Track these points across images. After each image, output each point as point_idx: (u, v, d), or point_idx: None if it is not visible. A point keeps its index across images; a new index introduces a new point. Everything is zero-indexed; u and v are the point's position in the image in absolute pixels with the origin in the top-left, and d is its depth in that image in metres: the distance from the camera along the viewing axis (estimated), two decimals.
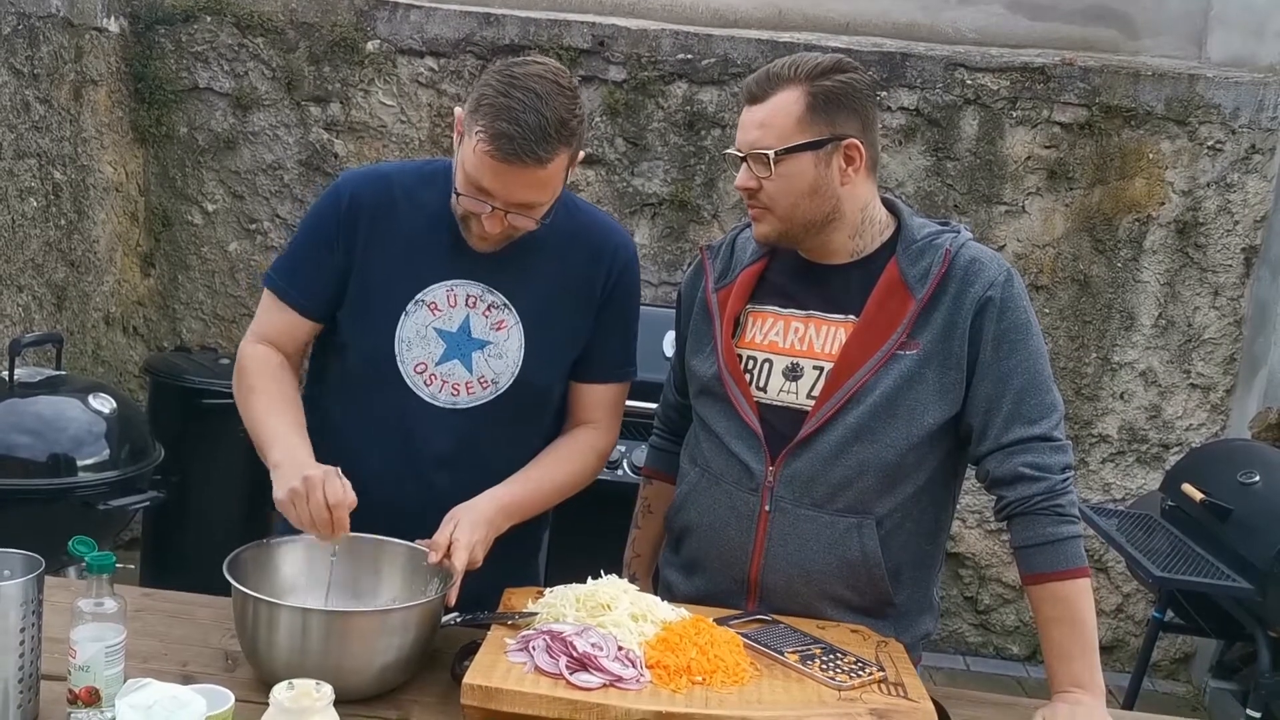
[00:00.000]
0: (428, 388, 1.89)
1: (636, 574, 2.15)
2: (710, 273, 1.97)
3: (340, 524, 1.64)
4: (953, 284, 1.78)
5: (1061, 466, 1.77)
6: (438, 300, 1.88)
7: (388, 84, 4.42)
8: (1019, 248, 4.39)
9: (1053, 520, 1.75)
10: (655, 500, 2.15)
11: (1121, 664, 4.47)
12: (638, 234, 4.44)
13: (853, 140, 1.78)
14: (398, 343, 1.87)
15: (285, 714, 1.26)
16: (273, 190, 4.51)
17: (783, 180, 1.77)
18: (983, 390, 1.78)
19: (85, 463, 3.02)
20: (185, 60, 4.44)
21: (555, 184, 1.77)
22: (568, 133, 1.71)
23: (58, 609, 1.56)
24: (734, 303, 1.91)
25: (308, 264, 1.92)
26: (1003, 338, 1.77)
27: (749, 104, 1.80)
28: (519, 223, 1.77)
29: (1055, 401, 1.79)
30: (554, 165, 1.72)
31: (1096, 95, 4.30)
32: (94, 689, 1.44)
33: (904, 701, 1.55)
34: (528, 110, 1.67)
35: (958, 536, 4.54)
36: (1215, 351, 4.44)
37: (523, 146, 1.67)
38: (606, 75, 4.37)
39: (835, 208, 1.80)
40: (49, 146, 3.91)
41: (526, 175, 1.70)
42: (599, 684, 1.49)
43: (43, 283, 3.94)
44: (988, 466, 1.80)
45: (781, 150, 1.76)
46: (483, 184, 1.72)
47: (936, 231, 1.85)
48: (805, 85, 1.76)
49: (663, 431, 2.18)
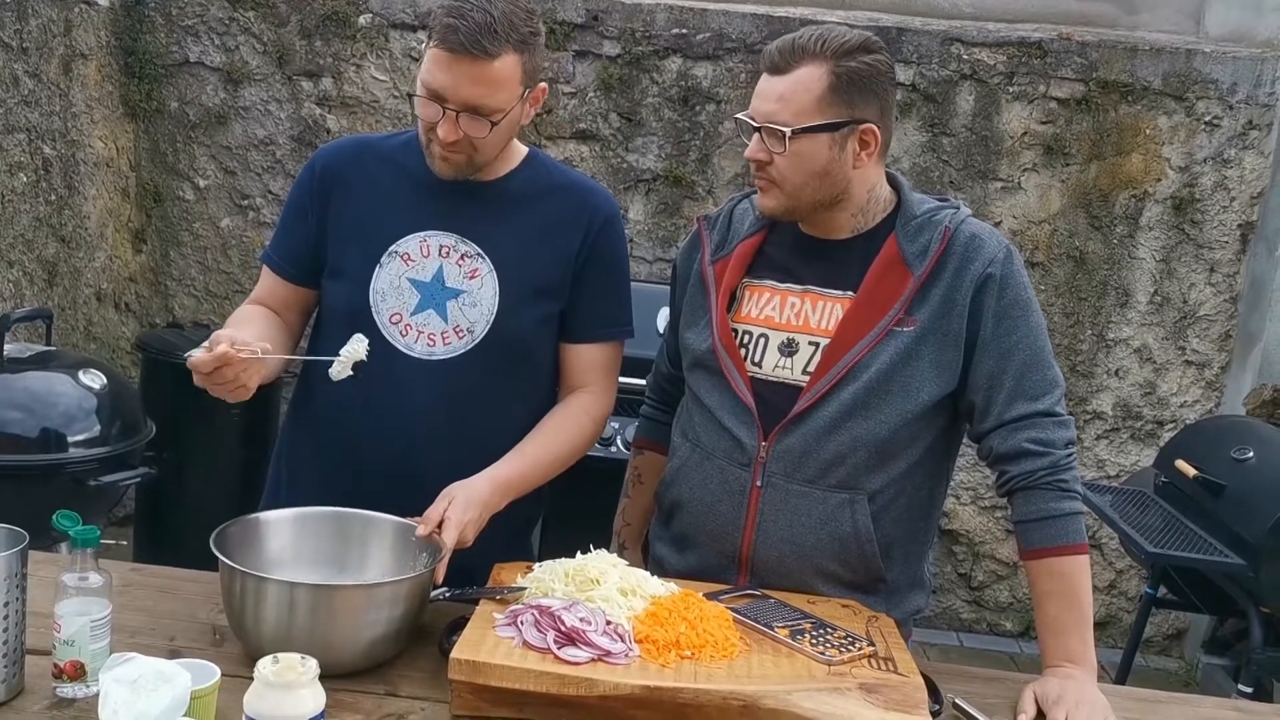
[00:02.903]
0: (404, 338, 1.89)
1: (626, 543, 2.15)
2: (707, 244, 1.95)
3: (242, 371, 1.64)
4: (952, 261, 1.77)
5: (1065, 441, 1.77)
6: (411, 251, 1.90)
7: (380, 58, 4.39)
8: (1014, 224, 4.37)
9: (1056, 495, 1.75)
10: (646, 470, 2.14)
11: (1114, 640, 4.48)
12: (632, 210, 4.42)
13: (870, 125, 1.76)
14: (373, 294, 1.89)
15: (270, 688, 1.25)
16: (265, 166, 4.48)
17: (795, 158, 1.74)
18: (985, 367, 1.77)
19: (76, 439, 3.00)
20: (176, 34, 4.40)
21: (507, 89, 1.77)
22: (517, 36, 1.75)
23: (45, 584, 1.55)
24: (730, 276, 1.89)
25: (287, 236, 2.00)
26: (1004, 314, 1.76)
27: (769, 73, 1.76)
28: (472, 129, 1.77)
29: (1057, 377, 1.79)
30: (502, 64, 1.74)
31: (1093, 70, 4.27)
32: (79, 663, 1.44)
33: (894, 676, 1.55)
34: (475, 8, 1.73)
35: (952, 513, 4.54)
36: (1210, 328, 4.43)
37: (468, 37, 1.71)
38: (600, 50, 4.34)
39: (844, 189, 1.79)
40: (38, 121, 3.88)
41: (474, 69, 1.73)
42: (587, 658, 1.49)
43: (33, 259, 3.92)
44: (991, 443, 1.79)
45: (798, 129, 1.73)
46: (434, 84, 1.76)
47: (936, 208, 1.84)
48: (830, 63, 1.72)
49: (654, 401, 2.17)
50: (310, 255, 1.96)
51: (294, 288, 1.99)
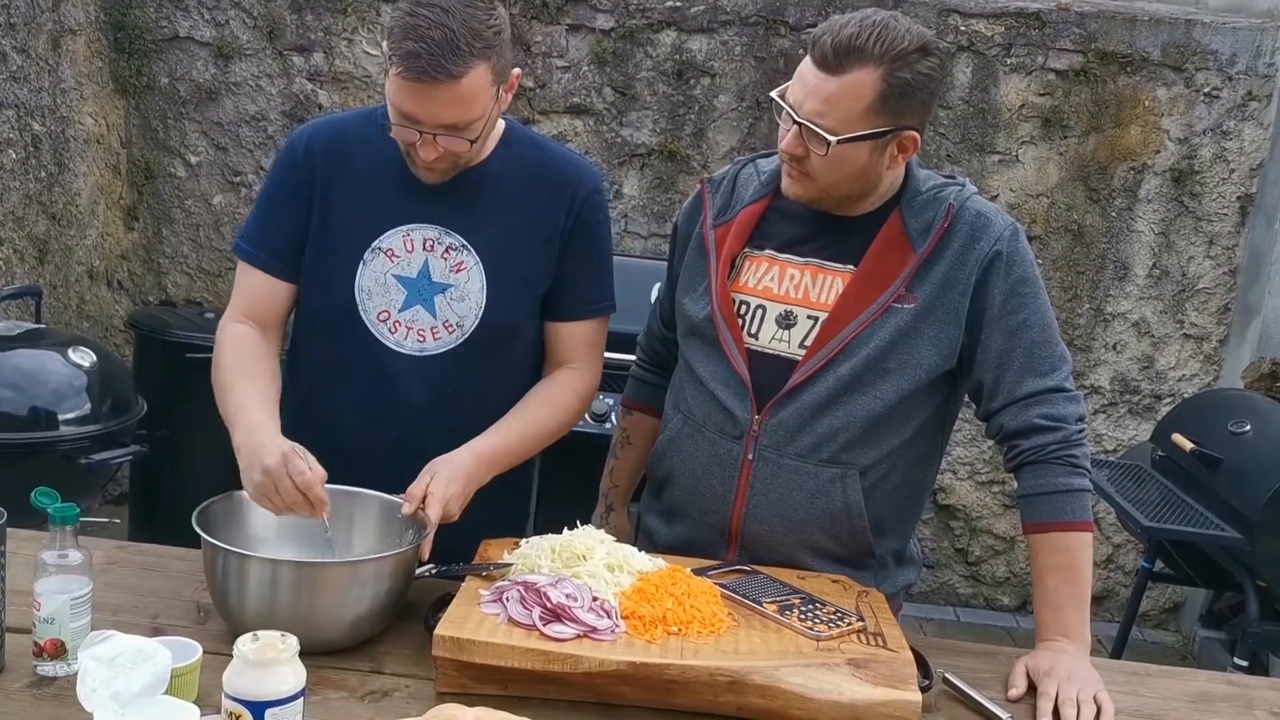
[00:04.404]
0: (393, 335, 1.86)
1: (613, 503, 2.13)
2: (709, 208, 1.91)
3: (318, 502, 1.62)
4: (956, 239, 1.76)
5: (1076, 417, 1.76)
6: (394, 246, 1.85)
7: (371, 32, 4.34)
8: (1012, 197, 4.34)
9: (1066, 470, 1.73)
10: (635, 431, 2.12)
11: (1111, 614, 4.48)
12: (626, 185, 4.39)
13: (913, 133, 1.72)
14: (358, 292, 1.85)
15: (249, 666, 1.24)
16: (256, 142, 4.45)
17: (834, 161, 1.69)
18: (994, 345, 1.75)
19: (66, 416, 2.99)
20: (165, 9, 4.35)
21: (480, 101, 1.71)
22: (481, 44, 1.66)
23: (27, 562, 1.53)
24: (732, 243, 1.86)
25: (271, 224, 1.89)
26: (1012, 292, 1.75)
27: (819, 67, 1.66)
28: (452, 145, 1.73)
29: (1065, 354, 1.78)
30: (470, 80, 1.66)
31: (1092, 41, 4.23)
32: (59, 641, 1.43)
33: (883, 651, 1.54)
34: (434, 26, 1.63)
35: (949, 488, 4.53)
36: (1209, 301, 4.41)
37: (431, 63, 1.63)
38: (594, 24, 4.29)
39: (874, 185, 1.77)
40: (27, 97, 3.84)
41: (443, 93, 1.66)
42: (572, 635, 1.48)
43: (23, 236, 3.89)
44: (1001, 420, 1.78)
45: (846, 138, 1.67)
46: (405, 109, 1.69)
47: (941, 185, 1.82)
48: (884, 69, 1.64)
49: (644, 362, 2.14)
50: (298, 245, 1.87)
51: (283, 286, 1.89)
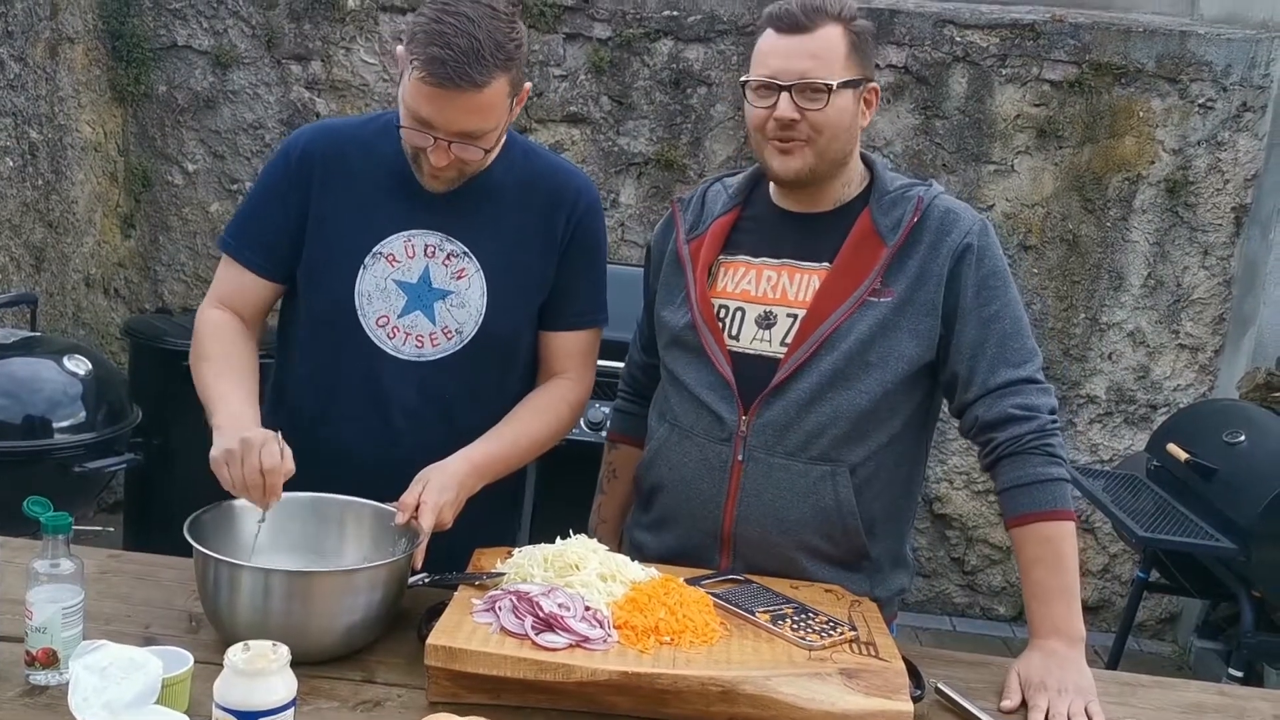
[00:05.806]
0: (391, 341, 1.86)
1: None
2: (681, 225, 1.95)
3: (272, 490, 1.60)
4: (927, 233, 1.79)
5: (1050, 408, 1.78)
6: (395, 252, 1.85)
7: (369, 41, 4.36)
8: (1007, 207, 4.35)
9: (1043, 460, 1.75)
10: (620, 465, 2.11)
11: (1107, 624, 4.48)
12: (623, 194, 4.39)
13: (875, 84, 1.83)
14: (358, 297, 1.85)
15: (240, 676, 1.24)
16: (254, 150, 4.45)
17: (834, 113, 1.76)
18: (967, 336, 1.78)
19: (61, 424, 2.99)
20: (163, 17, 4.37)
21: (497, 111, 1.72)
22: (504, 56, 1.67)
23: (21, 571, 1.53)
24: (706, 252, 1.89)
25: (260, 222, 1.90)
26: (984, 284, 1.78)
27: (789, 33, 1.76)
28: (465, 154, 1.73)
29: (1035, 348, 1.82)
30: (492, 90, 1.68)
31: (1087, 52, 4.24)
32: (51, 650, 1.43)
33: (875, 661, 1.54)
34: (460, 34, 1.64)
35: (945, 498, 4.53)
36: (1204, 311, 4.41)
37: (456, 70, 1.64)
38: (591, 33, 4.31)
39: (852, 148, 1.83)
40: (25, 105, 3.85)
41: (464, 100, 1.67)
42: (565, 644, 1.48)
43: (20, 243, 3.89)
44: (976, 412, 1.79)
45: (841, 83, 1.75)
46: (422, 114, 1.69)
47: (908, 184, 1.87)
48: (844, 24, 1.77)
49: (627, 394, 2.15)
50: (286, 245, 1.87)
51: (265, 284, 1.90)
